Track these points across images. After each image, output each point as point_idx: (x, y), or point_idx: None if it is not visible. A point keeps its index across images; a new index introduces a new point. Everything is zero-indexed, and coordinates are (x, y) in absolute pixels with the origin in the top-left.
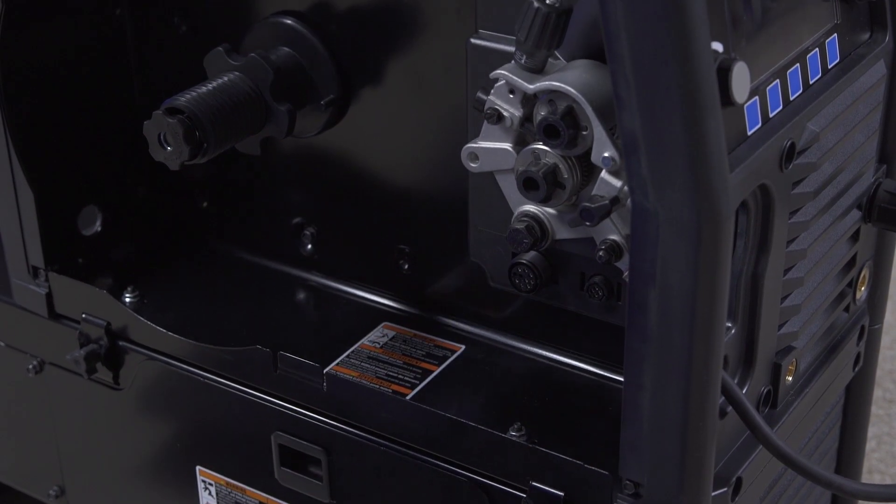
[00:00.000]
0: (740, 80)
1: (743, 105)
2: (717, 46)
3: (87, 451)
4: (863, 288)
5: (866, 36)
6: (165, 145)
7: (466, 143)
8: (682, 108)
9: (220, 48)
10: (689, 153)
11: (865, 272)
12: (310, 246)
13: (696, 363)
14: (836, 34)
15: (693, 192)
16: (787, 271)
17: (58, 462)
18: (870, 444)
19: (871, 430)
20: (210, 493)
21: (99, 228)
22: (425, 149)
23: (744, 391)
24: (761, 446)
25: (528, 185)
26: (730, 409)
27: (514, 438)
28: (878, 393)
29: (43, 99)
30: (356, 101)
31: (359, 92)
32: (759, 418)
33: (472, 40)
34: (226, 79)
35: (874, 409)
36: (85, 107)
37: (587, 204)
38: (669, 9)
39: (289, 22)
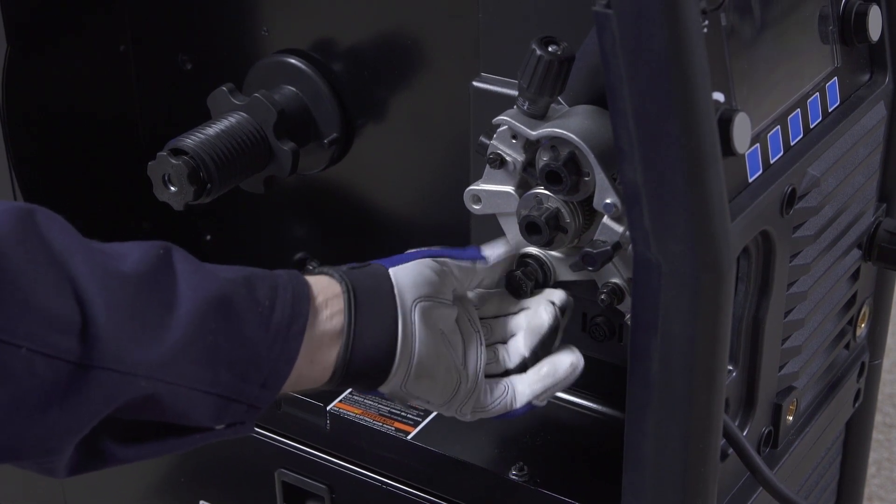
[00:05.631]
0: (741, 130)
1: (744, 154)
2: (719, 96)
3: (92, 483)
4: (863, 325)
5: (866, 78)
6: (169, 186)
7: (468, 180)
8: (684, 160)
9: (224, 88)
10: (691, 206)
11: (866, 309)
12: None
13: (697, 410)
14: (836, 77)
15: (694, 244)
16: (787, 313)
17: (62, 494)
18: (870, 470)
19: (871, 456)
20: None
21: None
22: (428, 185)
23: (745, 433)
24: (762, 488)
25: (531, 230)
26: (731, 450)
27: (515, 479)
28: (878, 418)
29: (47, 135)
30: (359, 139)
31: (362, 130)
32: (759, 461)
33: (475, 83)
34: (229, 119)
35: (874, 434)
36: (89, 142)
37: (589, 249)
38: (671, 63)
39: (292, 61)
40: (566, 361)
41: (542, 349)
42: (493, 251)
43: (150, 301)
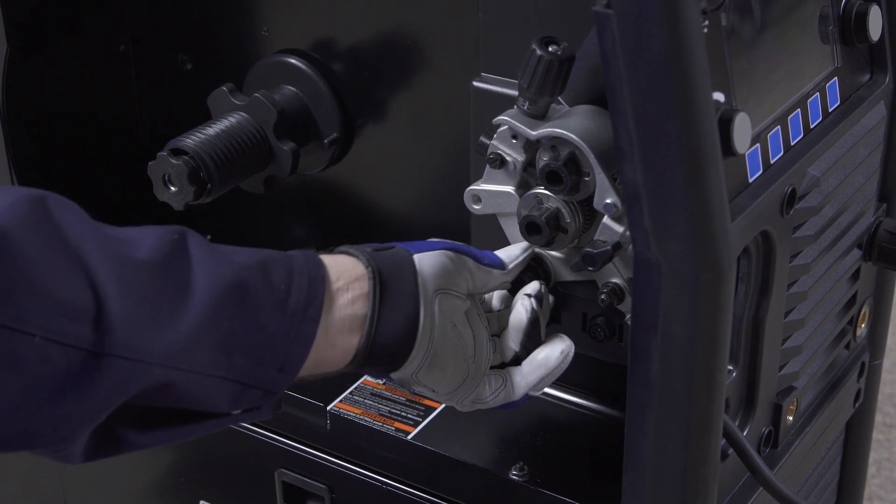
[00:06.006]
0: (742, 130)
1: (744, 154)
2: (719, 96)
3: (92, 484)
4: (863, 325)
5: (866, 78)
6: (169, 186)
7: (468, 180)
8: (684, 161)
9: (224, 88)
10: (691, 206)
11: (866, 309)
12: None
13: (697, 410)
14: (836, 77)
15: (694, 244)
16: (788, 313)
17: (62, 494)
18: (870, 470)
19: (871, 456)
20: None
21: None
22: (428, 185)
23: (745, 433)
24: (762, 488)
25: (531, 230)
26: (731, 450)
27: (515, 479)
28: (878, 418)
29: (47, 135)
30: (359, 139)
31: (362, 130)
32: (759, 461)
33: (475, 83)
34: (230, 119)
35: (874, 434)
36: (89, 142)
37: (589, 249)
38: (671, 63)
39: (292, 61)
40: (557, 350)
41: (530, 341)
42: (510, 257)
43: (165, 288)
